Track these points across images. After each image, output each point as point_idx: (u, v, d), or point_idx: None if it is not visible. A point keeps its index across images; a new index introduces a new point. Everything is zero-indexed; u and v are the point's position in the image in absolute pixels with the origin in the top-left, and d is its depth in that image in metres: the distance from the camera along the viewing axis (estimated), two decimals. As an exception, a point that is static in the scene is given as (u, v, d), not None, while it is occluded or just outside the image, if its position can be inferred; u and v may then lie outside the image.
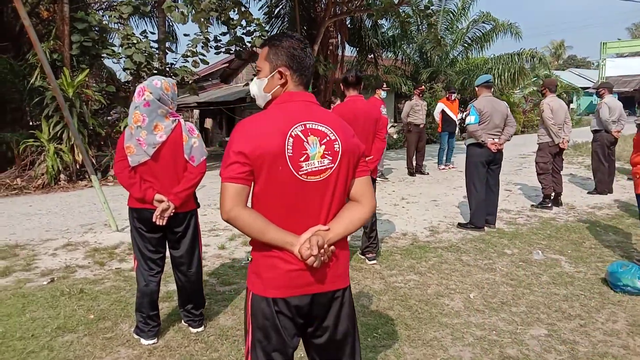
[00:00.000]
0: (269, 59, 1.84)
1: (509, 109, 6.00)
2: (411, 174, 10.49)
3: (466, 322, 3.61)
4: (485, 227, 6.04)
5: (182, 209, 3.21)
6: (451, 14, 19.96)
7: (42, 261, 5.02)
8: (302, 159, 1.75)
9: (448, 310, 3.81)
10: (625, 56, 32.96)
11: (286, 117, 1.78)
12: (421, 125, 10.50)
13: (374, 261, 4.84)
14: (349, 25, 15.83)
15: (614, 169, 8.52)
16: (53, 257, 5.16)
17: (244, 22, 12.20)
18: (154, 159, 3.11)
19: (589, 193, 8.33)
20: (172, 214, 3.15)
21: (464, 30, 20.16)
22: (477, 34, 20.19)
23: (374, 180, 4.69)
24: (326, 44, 14.58)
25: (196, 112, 23.82)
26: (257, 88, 1.91)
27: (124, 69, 11.66)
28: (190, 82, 12.35)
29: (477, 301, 3.99)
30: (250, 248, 1.87)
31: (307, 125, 1.79)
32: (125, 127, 3.21)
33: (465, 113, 5.95)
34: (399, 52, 20.06)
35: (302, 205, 1.78)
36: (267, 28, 14.23)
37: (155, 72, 11.83)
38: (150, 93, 3.08)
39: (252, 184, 1.75)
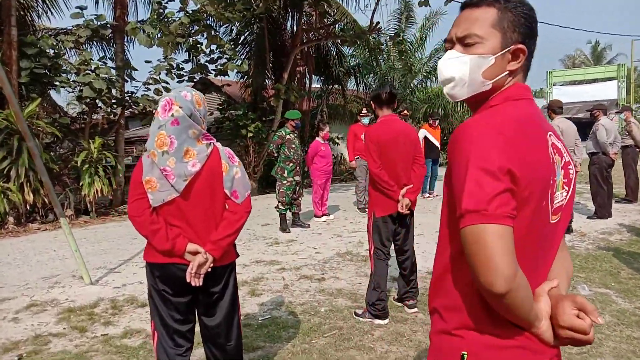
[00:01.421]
0: (501, 26, 1.17)
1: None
2: (398, 203, 9.92)
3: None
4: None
5: (220, 262, 2.40)
6: (409, 45, 20.07)
7: (1, 329, 3.97)
8: (554, 189, 1.10)
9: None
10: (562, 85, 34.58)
11: (535, 123, 1.11)
12: (407, 153, 10.02)
13: (415, 309, 4.13)
14: (313, 55, 15.43)
15: (612, 192, 8.29)
16: (15, 322, 4.11)
17: (207, 50, 11.50)
18: (184, 196, 2.31)
19: (589, 218, 8.03)
20: (209, 269, 2.34)
21: (425, 60, 20.27)
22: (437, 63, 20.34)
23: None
24: (293, 73, 14.06)
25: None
26: (471, 69, 1.22)
27: (80, 98, 10.62)
28: (153, 111, 11.40)
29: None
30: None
31: (552, 139, 1.14)
32: (142, 154, 2.39)
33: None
34: (360, 82, 19.91)
35: (542, 260, 1.19)
36: (231, 55, 13.58)
37: (114, 101, 10.85)
38: (180, 107, 2.31)
39: None
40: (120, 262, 6.02)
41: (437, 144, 10.69)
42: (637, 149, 9.25)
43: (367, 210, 9.26)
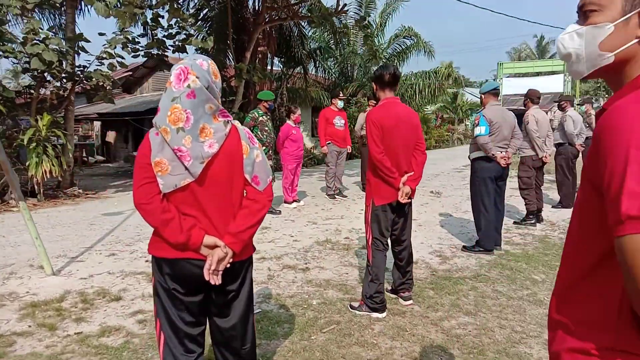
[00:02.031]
0: None
1: (515, 120, 5.51)
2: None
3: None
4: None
5: (239, 257, 2.12)
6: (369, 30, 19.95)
7: (-46, 328, 3.50)
8: None
9: (542, 364, 3.07)
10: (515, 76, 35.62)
11: None
12: (376, 139, 9.87)
13: (410, 301, 3.98)
14: (275, 35, 14.96)
15: (576, 182, 8.50)
16: (-31, 320, 3.64)
17: (166, 24, 10.86)
18: (200, 181, 2.01)
19: (554, 207, 8.20)
20: (228, 265, 2.06)
21: (384, 45, 20.22)
22: (397, 50, 20.35)
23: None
24: (255, 53, 13.59)
25: (97, 124, 21.32)
26: (586, 42, 1.05)
27: (25, 71, 9.78)
28: (107, 87, 10.67)
29: (559, 347, 3.29)
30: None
31: None
32: (150, 131, 2.06)
33: (474, 123, 5.34)
34: (319, 66, 19.64)
35: None
36: (191, 31, 12.93)
37: (66, 75, 10.07)
38: (197, 78, 1.99)
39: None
40: (82, 249, 5.53)
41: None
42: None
43: (335, 197, 9.14)
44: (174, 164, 1.98)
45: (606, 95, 22.16)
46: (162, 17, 10.40)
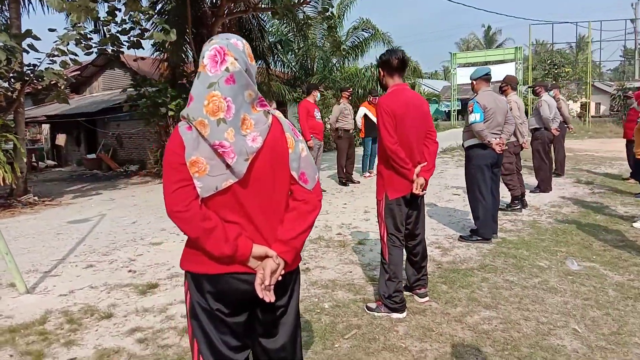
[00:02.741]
0: None
1: (508, 105, 5.41)
2: (343, 183, 9.60)
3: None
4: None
5: (289, 267, 1.83)
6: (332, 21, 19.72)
7: None
8: None
9: (577, 356, 2.94)
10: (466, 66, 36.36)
11: None
12: (351, 131, 9.69)
13: (427, 298, 3.78)
14: (234, 29, 14.47)
15: (552, 166, 8.59)
16: (-63, 353, 3.16)
17: (123, 18, 10.26)
18: (242, 182, 1.70)
19: (532, 192, 8.23)
20: (280, 277, 1.76)
21: (343, 38, 20.02)
22: (356, 42, 20.20)
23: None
24: (214, 47, 13.06)
25: (46, 127, 20.11)
26: None
27: (-31, 71, 8.96)
28: (62, 87, 9.96)
29: (589, 335, 3.19)
30: None
31: None
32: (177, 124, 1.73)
33: (468, 110, 5.19)
34: (278, 60, 19.28)
35: None
36: (146, 26, 12.31)
37: (14, 75, 9.32)
38: (235, 60, 1.68)
39: None
40: (54, 262, 5.04)
41: (377, 121, 10.47)
42: (566, 125, 9.68)
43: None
44: (212, 163, 1.67)
45: (554, 82, 22.91)
46: (119, 10, 9.79)
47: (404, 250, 3.62)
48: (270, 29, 18.52)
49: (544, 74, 30.47)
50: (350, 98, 10.01)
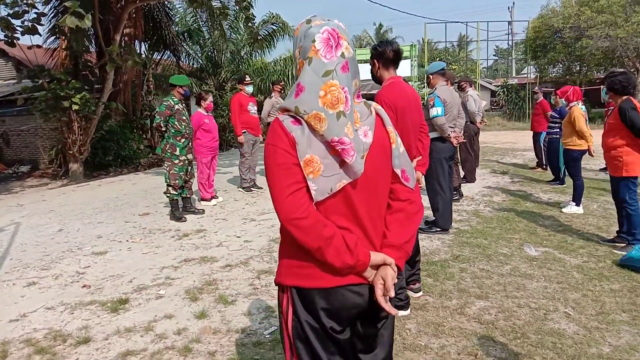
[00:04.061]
0: None
1: (460, 100, 5.59)
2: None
3: (624, 345, 2.94)
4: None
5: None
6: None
7: None
8: None
9: (580, 338, 3.09)
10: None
11: None
12: (283, 125, 9.44)
13: (421, 292, 3.77)
14: (141, 17, 13.52)
15: (478, 159, 9.10)
16: None
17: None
18: (353, 182, 1.51)
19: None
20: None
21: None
22: (264, 34, 19.88)
23: None
24: (122, 36, 12.13)
25: None
26: None
27: None
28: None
29: (580, 317, 3.39)
30: None
31: None
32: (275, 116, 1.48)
33: (429, 104, 5.26)
34: (183, 51, 18.42)
35: None
36: (44, 10, 11.07)
37: None
38: (349, 44, 1.49)
39: None
40: (-18, 282, 4.30)
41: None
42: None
43: (252, 189, 8.51)
44: (326, 162, 1.46)
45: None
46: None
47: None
48: (174, 19, 17.60)
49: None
50: (282, 92, 9.78)
